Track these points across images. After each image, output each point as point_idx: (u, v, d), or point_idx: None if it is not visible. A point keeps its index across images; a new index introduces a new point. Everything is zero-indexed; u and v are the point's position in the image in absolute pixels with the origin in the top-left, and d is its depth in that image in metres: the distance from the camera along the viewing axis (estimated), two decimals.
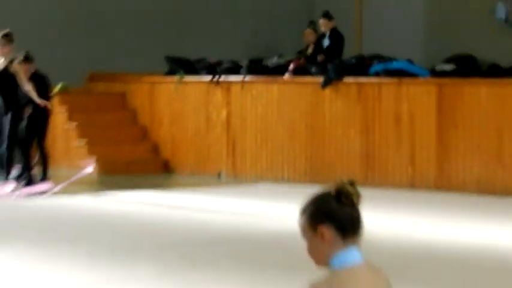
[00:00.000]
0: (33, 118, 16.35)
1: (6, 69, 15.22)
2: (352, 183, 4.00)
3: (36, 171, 16.34)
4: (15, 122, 15.34)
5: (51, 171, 16.40)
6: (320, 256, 3.92)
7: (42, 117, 16.48)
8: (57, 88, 17.28)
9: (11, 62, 15.26)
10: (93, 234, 11.52)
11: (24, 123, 16.30)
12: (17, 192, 14.98)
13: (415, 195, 15.22)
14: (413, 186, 15.82)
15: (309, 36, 18.56)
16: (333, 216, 3.85)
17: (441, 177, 15.80)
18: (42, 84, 16.49)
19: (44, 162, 16.32)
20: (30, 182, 15.43)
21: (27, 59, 16.14)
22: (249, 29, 20.68)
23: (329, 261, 3.77)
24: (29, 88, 15.20)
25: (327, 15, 17.91)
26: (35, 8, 18.63)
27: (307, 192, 9.59)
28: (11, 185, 15.24)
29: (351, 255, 3.68)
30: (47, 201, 14.56)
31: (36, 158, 16.53)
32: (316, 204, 3.96)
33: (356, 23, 20.12)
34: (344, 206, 3.81)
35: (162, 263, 9.56)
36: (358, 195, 3.94)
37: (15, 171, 15.64)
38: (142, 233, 11.67)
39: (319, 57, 17.74)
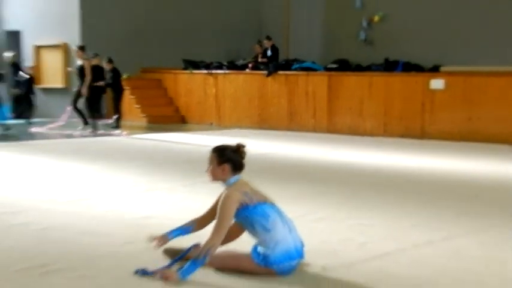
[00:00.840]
0: (115, 90, 16.40)
1: (82, 66, 15.20)
2: (244, 146, 4.58)
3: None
4: (95, 95, 15.55)
5: (122, 122, 16.43)
6: (216, 177, 4.69)
7: (119, 91, 16.50)
8: (124, 76, 17.18)
9: (86, 60, 15.41)
10: (144, 155, 11.52)
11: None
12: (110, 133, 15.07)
13: (316, 136, 15.13)
14: (315, 131, 15.75)
15: (258, 49, 18.51)
16: (231, 160, 4.21)
17: (330, 125, 15.75)
18: (117, 74, 16.45)
19: (118, 116, 16.29)
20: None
21: (110, 60, 16.13)
22: (227, 44, 20.53)
23: (224, 181, 4.62)
24: (88, 78, 15.23)
25: (268, 37, 18.03)
26: (113, 29, 18.42)
27: (258, 133, 9.66)
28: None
29: (235, 179, 4.59)
30: (119, 138, 14.56)
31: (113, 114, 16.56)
32: (224, 151, 4.63)
33: (284, 40, 20.09)
34: (238, 156, 4.10)
35: (180, 171, 9.55)
36: (245, 152, 4.58)
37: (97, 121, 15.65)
38: (170, 154, 11.66)
39: (263, 60, 17.87)
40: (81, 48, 15.53)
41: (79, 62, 15.44)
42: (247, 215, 4.38)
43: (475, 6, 18.31)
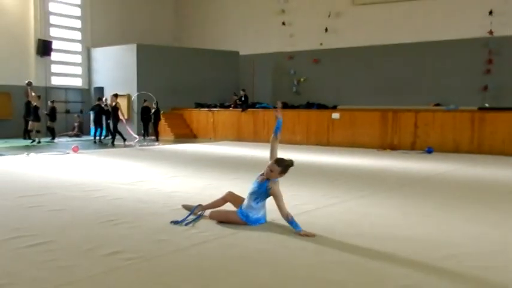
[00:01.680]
0: (155, 119, 16.16)
1: (115, 106, 14.42)
2: (292, 161, 4.35)
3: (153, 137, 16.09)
4: (144, 122, 15.19)
5: (159, 138, 16.20)
6: (271, 177, 4.33)
7: (157, 119, 16.28)
8: (162, 112, 16.93)
9: (117, 102, 14.55)
10: (171, 156, 11.20)
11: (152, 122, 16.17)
12: (144, 143, 14.73)
13: (268, 145, 15.01)
14: (268, 142, 15.67)
15: (235, 97, 17.95)
16: (286, 170, 4.33)
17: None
18: (158, 111, 16.27)
19: (156, 134, 16.09)
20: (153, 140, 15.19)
21: (156, 103, 15.94)
22: (219, 93, 20.23)
23: (272, 179, 4.34)
24: (122, 117, 14.59)
25: (243, 89, 17.61)
26: (155, 86, 18.19)
27: (237, 143, 9.33)
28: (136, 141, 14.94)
29: (278, 179, 4.39)
30: (158, 147, 14.23)
31: (152, 132, 16.30)
32: (286, 167, 4.34)
33: (251, 91, 19.97)
34: (289, 165, 4.27)
35: (193, 165, 9.36)
36: (293, 164, 4.34)
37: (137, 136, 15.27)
38: (186, 155, 11.39)
39: (239, 103, 17.59)
40: (115, 95, 14.83)
41: (113, 104, 14.45)
42: (262, 194, 4.35)
43: (354, 71, 18.63)
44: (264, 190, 4.32)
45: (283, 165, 4.32)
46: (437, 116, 13.15)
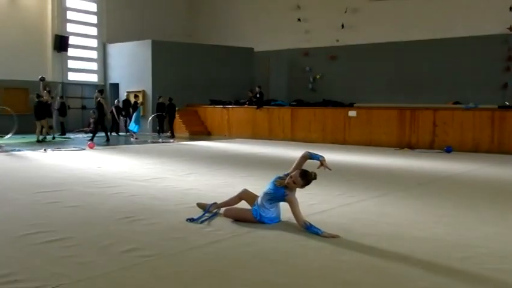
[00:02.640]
0: (170, 116, 16.28)
1: (100, 102, 13.73)
2: (316, 174, 4.26)
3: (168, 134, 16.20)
4: (159, 118, 15.26)
5: (175, 134, 16.29)
6: (293, 187, 4.32)
7: (173, 117, 16.39)
8: (177, 108, 17.03)
9: (103, 99, 14.07)
10: (186, 153, 11.26)
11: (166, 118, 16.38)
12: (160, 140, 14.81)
13: (284, 143, 14.90)
14: (284, 140, 15.52)
15: (250, 94, 17.91)
16: (308, 183, 4.26)
17: (292, 137, 15.47)
18: (173, 107, 16.38)
19: (172, 131, 16.19)
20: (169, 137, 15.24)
21: (170, 99, 16.06)
22: (234, 90, 20.24)
23: (292, 189, 4.32)
24: (108, 110, 14.48)
25: (259, 86, 17.42)
26: (170, 82, 18.31)
27: (251, 141, 9.34)
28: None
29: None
30: (173, 144, 14.33)
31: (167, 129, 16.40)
32: (307, 176, 4.27)
33: (266, 88, 19.94)
34: (312, 179, 4.25)
35: (207, 162, 9.42)
36: (316, 178, 4.26)
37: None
38: (201, 153, 11.44)
39: (254, 100, 17.54)
40: (101, 91, 14.60)
41: (101, 101, 13.98)
42: (277, 198, 4.37)
43: (372, 68, 18.49)
44: (280, 195, 4.34)
45: (307, 180, 4.29)
46: (456, 114, 12.97)
